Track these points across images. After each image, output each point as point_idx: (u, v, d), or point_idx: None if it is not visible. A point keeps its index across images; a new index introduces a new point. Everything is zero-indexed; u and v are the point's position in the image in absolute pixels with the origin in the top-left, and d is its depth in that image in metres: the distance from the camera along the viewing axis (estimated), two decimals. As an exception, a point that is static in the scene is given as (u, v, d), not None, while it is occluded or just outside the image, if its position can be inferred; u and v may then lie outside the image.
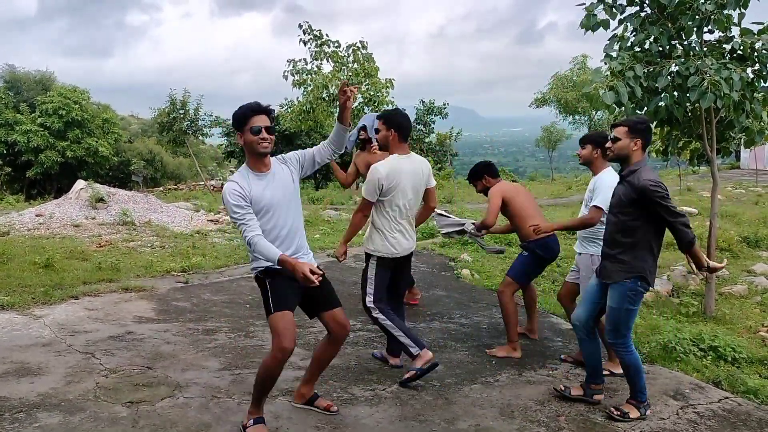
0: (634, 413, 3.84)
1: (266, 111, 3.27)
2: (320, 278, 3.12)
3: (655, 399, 4.18)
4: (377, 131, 4.44)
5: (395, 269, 4.35)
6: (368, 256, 4.32)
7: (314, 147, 3.61)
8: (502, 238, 9.25)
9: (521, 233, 5.01)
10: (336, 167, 5.89)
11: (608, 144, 3.80)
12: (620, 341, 3.83)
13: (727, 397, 4.30)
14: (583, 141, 4.65)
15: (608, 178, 4.37)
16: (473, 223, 5.23)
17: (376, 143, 5.33)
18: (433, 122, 29.09)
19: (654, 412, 3.98)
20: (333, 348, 3.66)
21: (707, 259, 3.68)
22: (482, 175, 5.12)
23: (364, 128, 5.73)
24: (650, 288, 3.84)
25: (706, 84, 5.28)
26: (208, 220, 11.56)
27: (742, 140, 6.97)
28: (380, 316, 4.23)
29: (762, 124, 6.40)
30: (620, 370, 4.64)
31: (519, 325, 5.13)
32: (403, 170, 4.20)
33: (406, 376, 4.14)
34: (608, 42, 6.08)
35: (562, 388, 4.10)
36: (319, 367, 3.73)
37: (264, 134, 3.22)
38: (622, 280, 3.72)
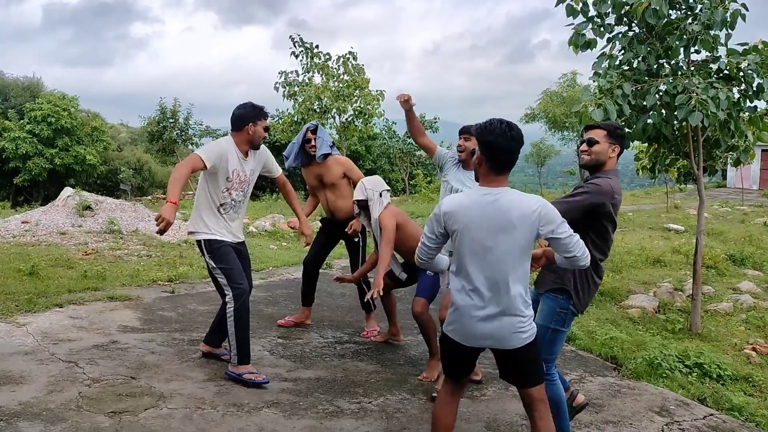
0: None
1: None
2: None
3: (640, 415, 4.19)
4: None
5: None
6: None
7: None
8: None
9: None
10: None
11: (583, 147, 3.49)
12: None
13: (711, 414, 4.32)
14: (470, 133, 4.36)
15: None
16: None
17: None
18: (424, 136, 29.27)
19: (639, 429, 3.99)
20: None
21: None
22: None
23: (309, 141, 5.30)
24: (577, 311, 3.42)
25: (693, 102, 5.35)
26: (196, 230, 11.50)
27: (729, 159, 7.06)
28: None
29: (747, 143, 6.49)
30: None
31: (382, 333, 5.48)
32: None
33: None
34: (597, 60, 6.15)
35: None
36: None
37: None
38: (553, 292, 3.39)
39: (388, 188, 4.91)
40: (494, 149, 2.81)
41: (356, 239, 5.44)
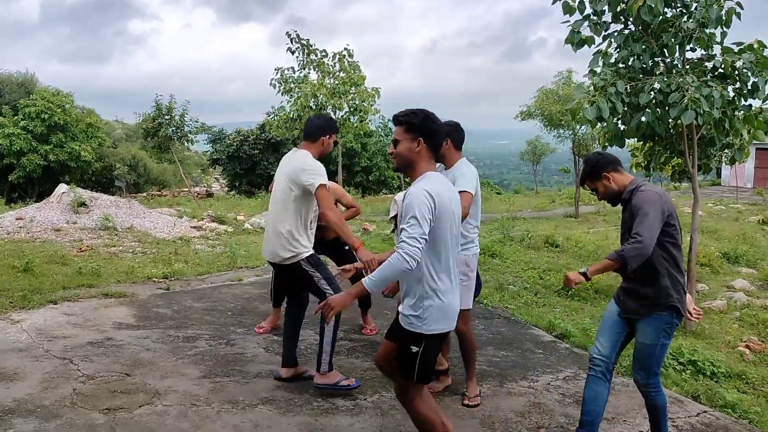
0: None
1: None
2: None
3: (634, 412, 4.20)
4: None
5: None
6: None
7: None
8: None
9: None
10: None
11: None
12: (652, 381, 3.47)
13: (705, 411, 4.34)
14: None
15: (468, 167, 4.11)
16: None
17: None
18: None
19: (633, 425, 4.00)
20: None
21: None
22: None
23: None
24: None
25: (686, 101, 5.36)
26: (191, 227, 11.49)
27: (723, 157, 7.07)
28: None
29: (742, 141, 6.50)
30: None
31: None
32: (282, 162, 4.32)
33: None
34: (593, 57, 6.16)
35: None
36: None
37: None
38: (655, 313, 3.39)
39: None
40: (438, 135, 3.02)
41: (346, 246, 5.46)
